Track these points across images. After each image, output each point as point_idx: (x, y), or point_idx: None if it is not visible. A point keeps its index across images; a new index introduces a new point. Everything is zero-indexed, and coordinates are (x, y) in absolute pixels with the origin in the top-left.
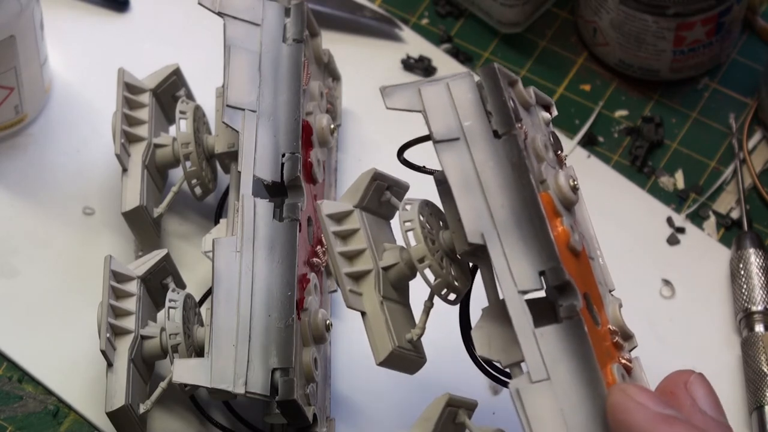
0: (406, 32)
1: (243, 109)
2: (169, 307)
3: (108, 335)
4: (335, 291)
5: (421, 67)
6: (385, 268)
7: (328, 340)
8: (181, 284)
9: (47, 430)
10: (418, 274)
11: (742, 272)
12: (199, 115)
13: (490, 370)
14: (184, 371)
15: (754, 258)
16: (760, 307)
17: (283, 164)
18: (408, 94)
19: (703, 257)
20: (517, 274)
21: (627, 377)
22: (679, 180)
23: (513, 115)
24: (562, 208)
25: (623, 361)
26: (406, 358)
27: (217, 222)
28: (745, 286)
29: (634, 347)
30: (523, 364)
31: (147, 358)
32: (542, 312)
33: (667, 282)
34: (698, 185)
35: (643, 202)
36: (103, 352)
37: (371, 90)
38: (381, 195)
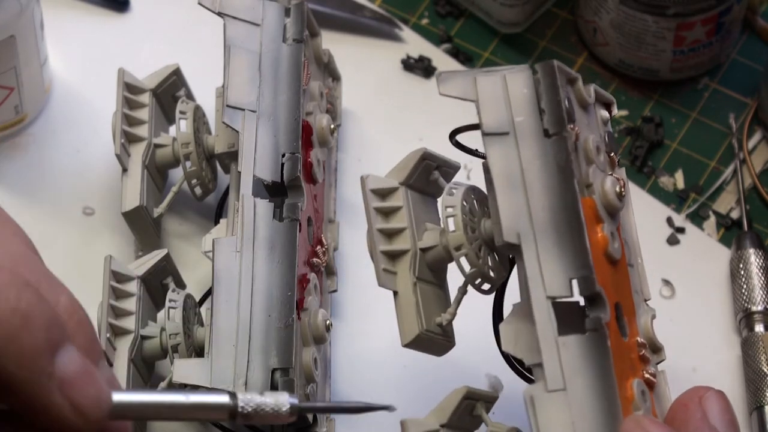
0: (406, 32)
1: (243, 109)
2: (169, 307)
3: (108, 335)
4: (335, 291)
5: (421, 67)
6: (424, 249)
7: (328, 340)
8: (181, 284)
9: None
10: None
11: (742, 272)
12: (199, 115)
13: (516, 365)
14: (184, 371)
15: (754, 258)
16: (760, 307)
17: (283, 164)
18: (463, 82)
19: (703, 257)
20: (548, 279)
21: (647, 393)
22: (679, 180)
23: (566, 116)
24: (606, 214)
25: (647, 375)
26: (433, 341)
27: (217, 222)
28: (745, 286)
29: (662, 360)
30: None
31: (147, 358)
32: (570, 317)
33: (667, 282)
34: (698, 185)
35: (643, 202)
36: (103, 353)
37: (371, 90)
38: (429, 174)
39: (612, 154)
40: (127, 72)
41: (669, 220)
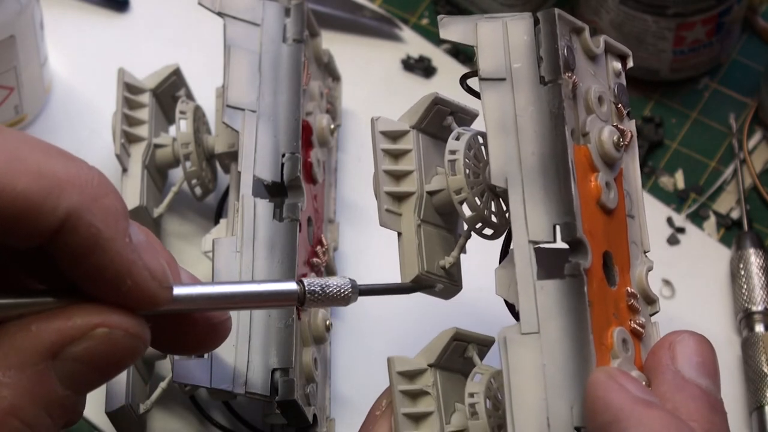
0: (406, 32)
1: (243, 109)
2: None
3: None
4: None
5: (421, 67)
6: (431, 193)
7: (328, 340)
8: None
9: None
10: None
11: (742, 272)
12: (199, 115)
13: (514, 311)
14: (184, 371)
15: (754, 258)
16: (760, 307)
17: (283, 164)
18: (464, 27)
19: (703, 257)
20: (531, 224)
21: (630, 342)
22: (679, 180)
23: (562, 64)
24: (602, 163)
25: (634, 325)
26: (436, 283)
27: (217, 222)
28: (745, 286)
29: (656, 312)
30: None
31: (147, 358)
32: (556, 265)
33: (667, 282)
34: (698, 185)
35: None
36: None
37: (371, 90)
38: (443, 119)
39: (619, 105)
40: (127, 72)
41: (669, 220)
